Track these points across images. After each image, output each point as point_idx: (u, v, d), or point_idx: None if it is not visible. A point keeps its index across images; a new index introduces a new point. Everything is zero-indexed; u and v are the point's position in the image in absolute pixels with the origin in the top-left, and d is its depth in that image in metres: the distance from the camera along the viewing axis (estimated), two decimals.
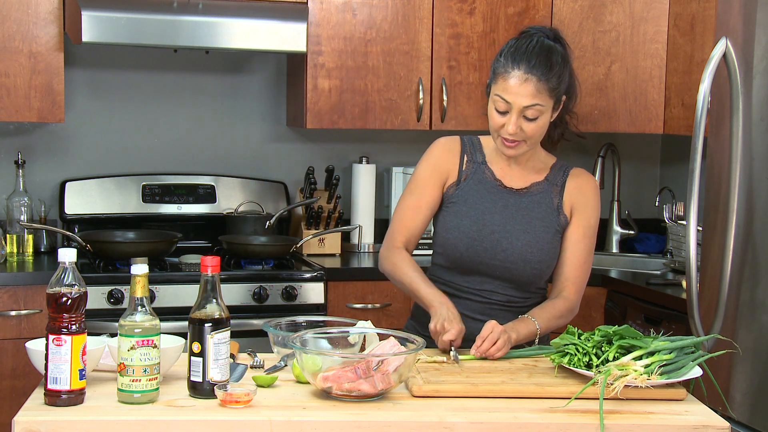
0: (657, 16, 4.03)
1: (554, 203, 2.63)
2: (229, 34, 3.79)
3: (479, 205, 2.62)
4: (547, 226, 2.61)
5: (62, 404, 1.98)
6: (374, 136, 4.46)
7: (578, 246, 2.63)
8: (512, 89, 2.48)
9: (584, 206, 2.64)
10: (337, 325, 2.48)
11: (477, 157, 2.67)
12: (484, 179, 2.65)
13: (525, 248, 2.59)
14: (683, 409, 2.12)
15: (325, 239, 4.16)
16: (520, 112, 2.49)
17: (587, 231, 2.64)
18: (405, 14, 4.08)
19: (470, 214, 2.62)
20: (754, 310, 2.81)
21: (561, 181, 2.65)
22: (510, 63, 2.49)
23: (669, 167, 4.66)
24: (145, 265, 2.03)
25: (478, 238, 2.60)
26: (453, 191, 2.65)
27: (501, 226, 2.60)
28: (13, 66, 3.74)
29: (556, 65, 2.51)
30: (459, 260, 2.62)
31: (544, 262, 2.60)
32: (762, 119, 2.79)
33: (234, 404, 2.01)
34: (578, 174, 2.68)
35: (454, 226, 2.62)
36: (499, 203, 2.63)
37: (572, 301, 2.61)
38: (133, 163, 4.24)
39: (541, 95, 2.48)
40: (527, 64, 2.48)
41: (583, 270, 2.64)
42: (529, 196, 2.64)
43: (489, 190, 2.64)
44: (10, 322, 3.52)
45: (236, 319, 3.07)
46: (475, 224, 2.60)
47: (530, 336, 2.51)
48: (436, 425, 1.99)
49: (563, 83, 2.53)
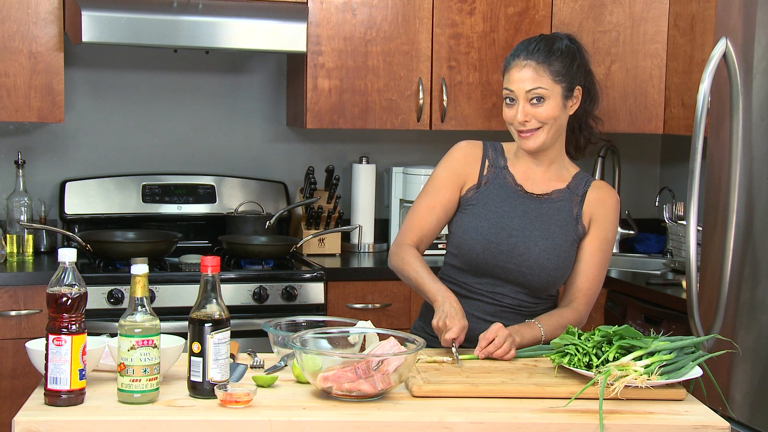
0: (657, 16, 4.03)
1: (574, 212, 2.62)
2: (229, 34, 3.79)
3: (498, 209, 2.62)
4: (566, 234, 2.60)
5: (62, 404, 1.98)
6: (374, 136, 4.46)
7: (594, 258, 2.62)
8: (513, 77, 2.53)
9: (603, 219, 2.63)
10: (337, 325, 2.48)
11: (498, 161, 2.67)
12: (504, 184, 2.65)
13: (542, 254, 2.58)
14: (683, 409, 2.12)
15: (325, 239, 4.16)
16: (525, 98, 2.51)
17: (603, 244, 2.63)
18: (405, 14, 4.08)
19: (489, 216, 2.61)
20: (754, 310, 2.81)
21: (582, 191, 2.64)
22: (512, 56, 2.56)
23: (669, 167, 4.66)
24: (145, 265, 2.03)
25: (496, 241, 2.59)
26: (472, 194, 2.65)
27: (519, 231, 2.59)
28: (13, 66, 3.74)
29: (557, 51, 2.53)
30: (474, 262, 2.61)
31: (560, 269, 2.60)
32: (762, 119, 2.79)
33: (234, 404, 2.01)
34: (600, 186, 2.67)
35: (473, 227, 2.61)
36: (518, 208, 2.62)
37: (581, 312, 2.60)
38: (133, 163, 4.24)
39: (541, 78, 2.50)
40: (526, 52, 2.53)
41: (596, 283, 2.63)
42: (549, 202, 2.63)
43: (509, 195, 2.63)
44: (10, 322, 3.52)
45: (236, 319, 3.07)
46: (494, 227, 2.60)
47: (534, 341, 2.50)
48: (436, 425, 1.99)
49: (570, 72, 2.54)
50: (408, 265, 2.62)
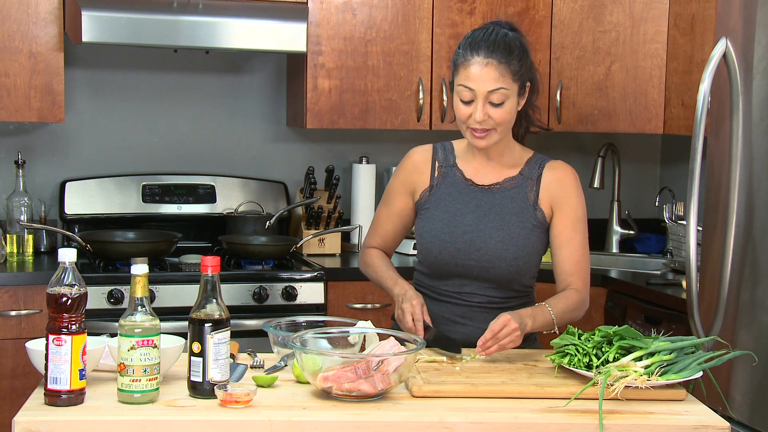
0: (657, 16, 4.03)
1: (530, 198, 2.59)
2: (229, 34, 3.79)
3: (450, 207, 2.61)
4: (522, 221, 2.57)
5: (62, 404, 1.98)
6: (374, 136, 4.46)
7: (572, 242, 2.57)
8: (474, 76, 2.47)
9: (566, 199, 2.58)
10: (337, 325, 2.48)
11: (448, 160, 2.66)
12: (455, 181, 2.64)
13: (499, 245, 2.55)
14: (683, 409, 2.12)
15: (325, 239, 4.16)
16: (485, 98, 2.47)
17: (576, 224, 2.58)
18: (405, 14, 4.08)
19: (442, 217, 2.61)
20: (754, 310, 2.81)
21: (536, 175, 2.60)
22: (469, 51, 2.48)
23: (669, 167, 4.66)
24: (145, 265, 2.03)
25: (451, 240, 2.58)
26: (426, 198, 2.65)
27: (473, 226, 2.58)
28: (13, 66, 3.74)
29: (515, 49, 2.49)
30: (435, 264, 2.61)
31: (521, 258, 2.56)
32: (762, 119, 2.79)
33: (234, 404, 2.01)
34: (555, 166, 2.62)
35: (427, 230, 2.62)
36: (471, 203, 2.61)
37: (581, 292, 2.56)
38: (133, 163, 4.24)
39: (504, 78, 2.46)
40: (486, 49, 2.47)
41: (583, 261, 2.58)
42: (501, 192, 2.60)
43: (460, 191, 2.62)
44: (10, 322, 3.52)
45: (236, 319, 3.08)
46: (447, 226, 2.59)
47: (546, 325, 2.46)
48: (436, 425, 1.99)
49: (525, 68, 2.51)
50: (369, 266, 2.74)
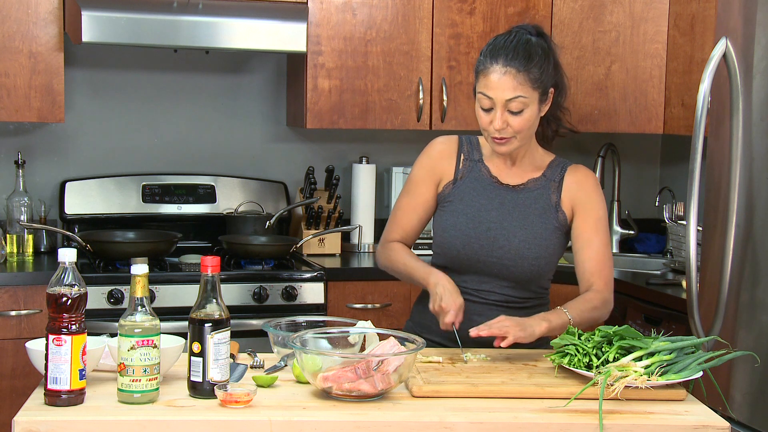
0: (657, 16, 4.03)
1: (552, 200, 2.62)
2: (229, 34, 3.79)
3: (475, 203, 2.62)
4: (545, 222, 2.60)
5: (62, 404, 1.98)
6: (374, 136, 4.46)
7: (594, 242, 2.59)
8: (493, 84, 2.48)
9: (587, 201, 2.62)
10: (337, 325, 2.48)
11: (474, 155, 2.67)
12: (480, 177, 2.65)
13: (522, 244, 2.57)
14: (683, 409, 2.12)
15: (325, 239, 4.16)
16: (503, 106, 2.48)
17: (598, 224, 2.60)
18: (405, 14, 4.08)
19: (466, 211, 2.62)
20: (754, 310, 2.81)
21: (558, 178, 2.63)
22: (489, 59, 2.49)
23: (669, 167, 4.66)
24: (145, 265, 2.03)
25: (475, 236, 2.59)
26: (449, 190, 2.65)
27: (497, 223, 2.60)
28: (13, 66, 3.74)
29: (535, 56, 2.49)
30: (456, 259, 2.61)
31: (542, 258, 2.59)
32: (762, 119, 2.79)
33: (234, 404, 2.01)
34: (576, 170, 2.66)
35: (451, 224, 2.62)
36: (495, 200, 2.62)
37: (603, 292, 2.56)
38: (133, 163, 4.24)
39: (522, 87, 2.47)
40: (505, 57, 2.47)
41: (607, 261, 2.59)
42: (525, 192, 2.63)
43: (485, 188, 2.64)
44: (10, 322, 3.52)
45: (236, 319, 3.07)
46: (471, 221, 2.60)
47: (563, 327, 2.44)
48: (436, 425, 1.99)
49: (547, 75, 2.51)
50: (394, 260, 2.67)
